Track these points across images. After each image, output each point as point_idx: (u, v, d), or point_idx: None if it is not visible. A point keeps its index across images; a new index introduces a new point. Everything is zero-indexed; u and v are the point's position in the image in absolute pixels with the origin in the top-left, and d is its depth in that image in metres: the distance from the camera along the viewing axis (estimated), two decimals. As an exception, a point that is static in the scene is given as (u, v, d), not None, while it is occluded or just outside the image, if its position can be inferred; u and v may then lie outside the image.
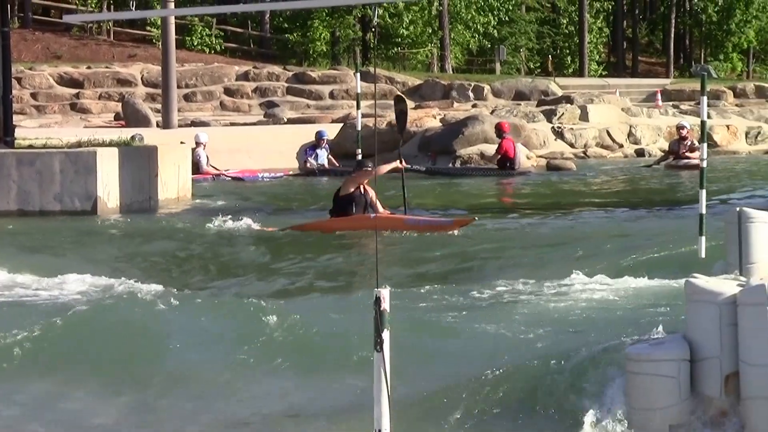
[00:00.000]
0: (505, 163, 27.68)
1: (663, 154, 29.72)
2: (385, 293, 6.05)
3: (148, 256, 15.29)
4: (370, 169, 16.15)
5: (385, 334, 6.01)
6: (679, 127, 28.91)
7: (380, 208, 16.27)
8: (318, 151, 29.21)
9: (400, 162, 16.56)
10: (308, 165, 28.81)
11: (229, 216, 18.09)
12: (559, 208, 20.22)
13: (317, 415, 7.68)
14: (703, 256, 12.38)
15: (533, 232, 17.19)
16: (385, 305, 6.02)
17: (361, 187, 16.21)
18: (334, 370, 8.91)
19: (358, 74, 18.08)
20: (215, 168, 27.71)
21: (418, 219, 16.35)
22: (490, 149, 29.11)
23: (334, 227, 16.15)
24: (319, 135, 29.55)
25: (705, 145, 12.27)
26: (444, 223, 16.33)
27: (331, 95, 43.51)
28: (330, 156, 28.69)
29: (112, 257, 15.21)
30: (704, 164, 12.13)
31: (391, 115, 33.52)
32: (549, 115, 32.77)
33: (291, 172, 28.69)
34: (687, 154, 27.73)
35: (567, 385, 7.66)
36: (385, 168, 16.66)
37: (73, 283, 12.98)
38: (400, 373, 7.15)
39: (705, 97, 12.17)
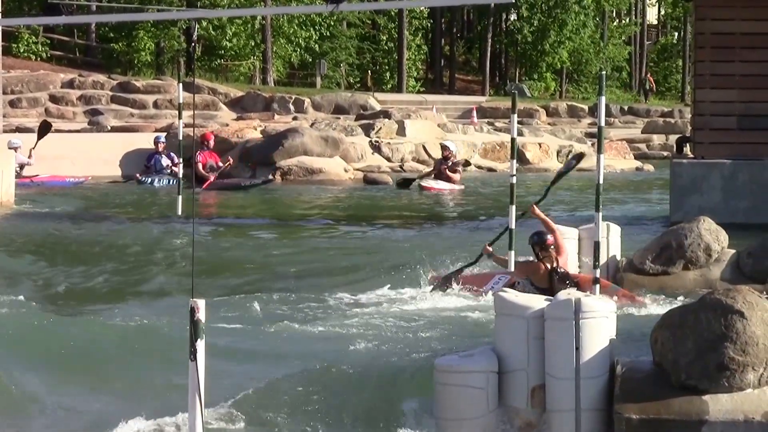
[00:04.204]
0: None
1: (426, 171, 29.92)
2: (200, 303, 6.04)
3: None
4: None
5: (200, 344, 6.00)
6: (443, 147, 29.04)
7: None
8: (157, 156, 29.02)
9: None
10: (146, 170, 28.66)
11: (55, 222, 17.82)
12: (376, 220, 20.40)
13: (130, 423, 7.61)
14: (513, 270, 12.65)
15: (353, 243, 17.32)
16: (200, 315, 6.01)
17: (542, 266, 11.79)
18: (148, 378, 8.87)
19: (181, 85, 17.91)
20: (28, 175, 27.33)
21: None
22: (309, 161, 29.33)
23: None
24: (157, 139, 29.41)
25: (514, 161, 12.53)
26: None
27: (155, 105, 43.19)
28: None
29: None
30: (514, 180, 12.39)
31: (213, 126, 33.38)
32: (367, 129, 33.00)
33: (91, 178, 28.33)
34: (448, 173, 27.89)
35: (378, 395, 7.76)
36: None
37: None
38: (214, 382, 7.16)
39: (515, 115, 12.45)
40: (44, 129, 27.87)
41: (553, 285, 11.40)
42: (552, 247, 11.64)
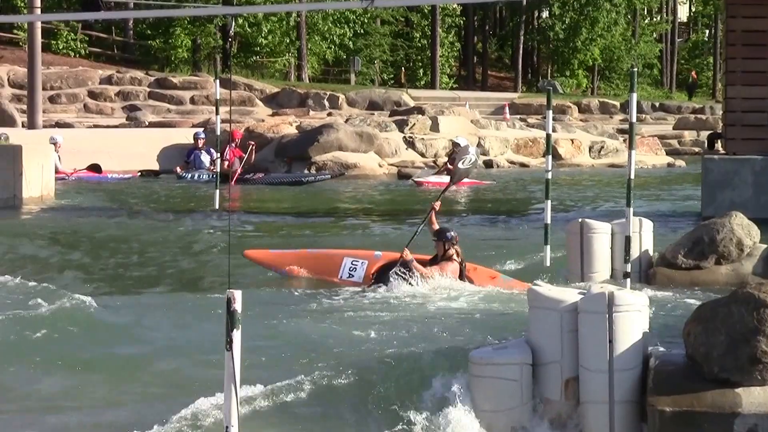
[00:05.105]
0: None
1: (436, 167, 29.92)
2: (236, 294, 6.11)
3: (9, 254, 15.12)
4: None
5: (236, 334, 6.08)
6: (454, 144, 28.65)
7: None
8: (196, 152, 29.21)
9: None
10: (185, 166, 28.84)
11: (94, 216, 18.00)
12: (409, 215, 20.48)
13: (167, 412, 7.72)
14: (548, 264, 12.76)
15: (387, 237, 17.39)
16: (236, 306, 6.08)
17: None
18: (184, 367, 8.98)
19: (218, 81, 18.07)
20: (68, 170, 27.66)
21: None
22: (344, 156, 29.53)
23: None
24: (196, 135, 29.61)
25: (550, 157, 12.60)
26: None
27: (192, 100, 43.60)
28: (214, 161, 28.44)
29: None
30: (549, 176, 12.46)
31: (249, 122, 33.57)
32: (401, 125, 33.16)
33: (138, 174, 28.66)
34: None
35: (414, 386, 7.83)
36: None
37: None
38: (249, 372, 7.27)
39: (550, 112, 12.51)
40: (93, 168, 28.03)
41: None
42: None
